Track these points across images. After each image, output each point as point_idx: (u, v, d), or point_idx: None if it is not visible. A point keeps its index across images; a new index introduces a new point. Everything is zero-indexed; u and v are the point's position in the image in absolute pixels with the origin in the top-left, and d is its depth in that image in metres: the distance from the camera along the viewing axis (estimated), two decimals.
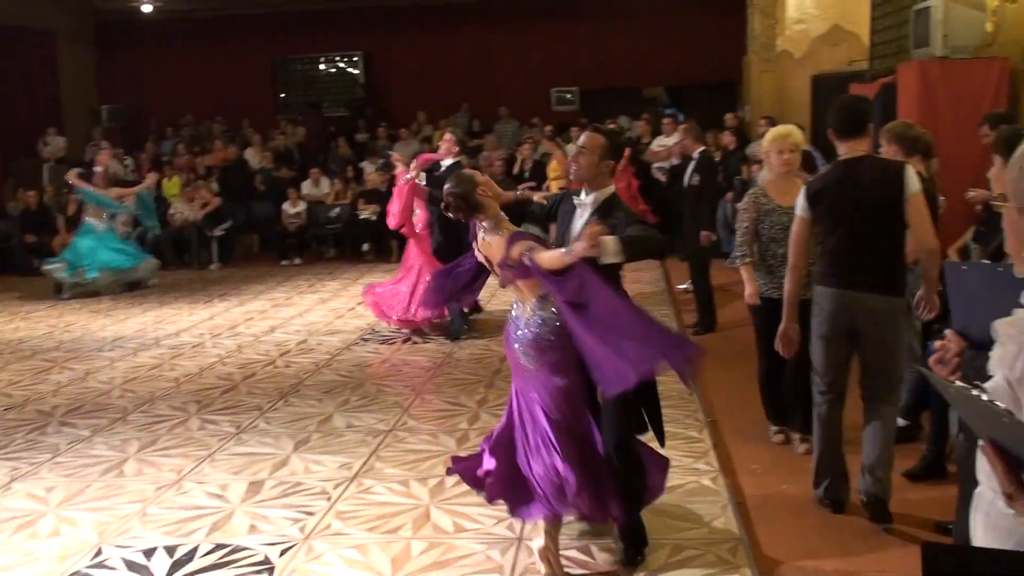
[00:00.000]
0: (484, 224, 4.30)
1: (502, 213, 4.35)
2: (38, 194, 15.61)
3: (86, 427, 6.64)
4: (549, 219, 4.59)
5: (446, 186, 4.37)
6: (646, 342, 3.87)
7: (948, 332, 2.32)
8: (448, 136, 9.11)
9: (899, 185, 4.42)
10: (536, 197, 4.91)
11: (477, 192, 4.27)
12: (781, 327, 4.87)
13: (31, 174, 17.73)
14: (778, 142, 5.66)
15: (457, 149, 9.03)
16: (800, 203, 4.73)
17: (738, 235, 5.78)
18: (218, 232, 14.71)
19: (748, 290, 5.75)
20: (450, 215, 4.42)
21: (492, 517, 4.78)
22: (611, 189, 4.33)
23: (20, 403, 7.37)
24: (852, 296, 4.54)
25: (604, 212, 4.20)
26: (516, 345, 4.26)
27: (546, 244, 4.27)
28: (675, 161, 12.22)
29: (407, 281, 9.11)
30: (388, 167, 11.57)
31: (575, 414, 4.22)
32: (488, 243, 4.29)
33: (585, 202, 4.31)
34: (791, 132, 5.78)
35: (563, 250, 4.00)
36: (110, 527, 4.91)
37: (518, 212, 4.63)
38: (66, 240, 14.86)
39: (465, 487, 5.06)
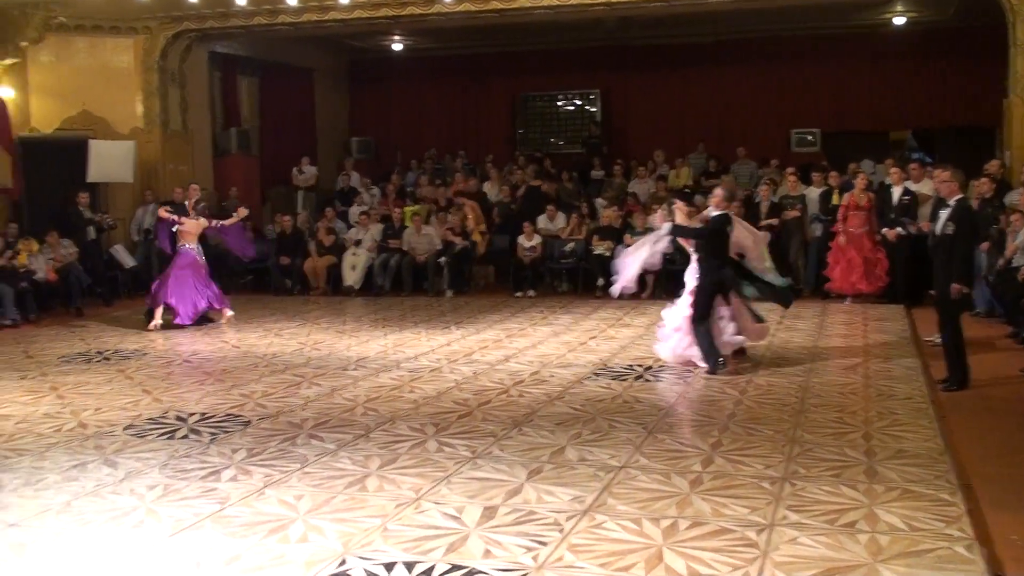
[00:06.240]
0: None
1: None
2: (292, 219, 16.64)
3: (332, 441, 6.97)
4: None
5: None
6: None
7: None
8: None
9: None
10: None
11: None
12: None
13: (287, 200, 18.96)
14: None
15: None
16: None
17: None
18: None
19: None
20: None
21: (728, 564, 4.67)
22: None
23: (273, 414, 7.83)
24: None
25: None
26: None
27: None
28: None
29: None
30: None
31: None
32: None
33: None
34: None
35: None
36: (354, 538, 5.11)
37: None
38: (317, 264, 15.78)
39: (700, 531, 5.05)
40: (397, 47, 20.68)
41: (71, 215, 14.92)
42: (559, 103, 21.88)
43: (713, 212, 9.46)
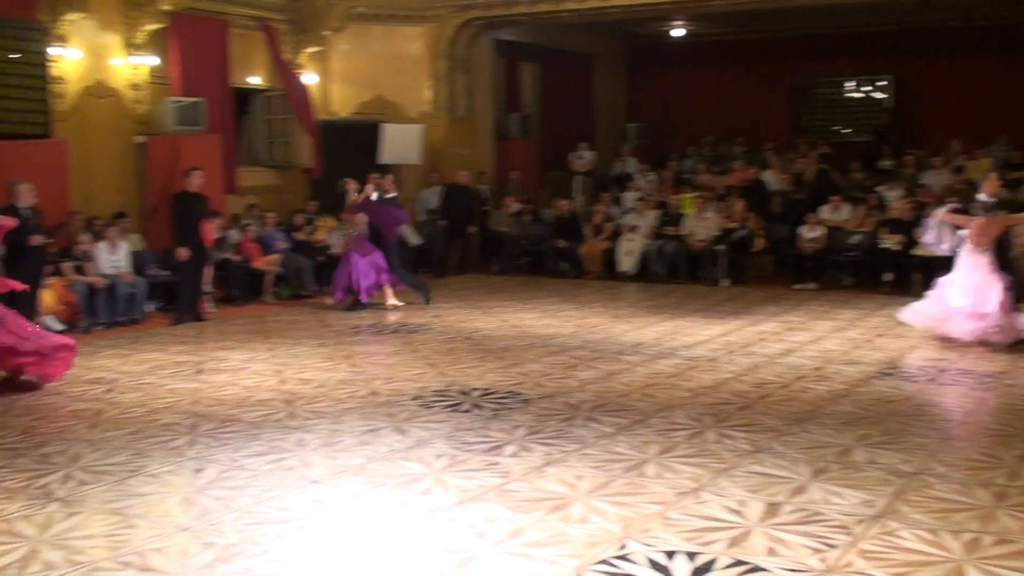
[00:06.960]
0: None
1: None
2: (570, 203, 16.86)
3: (610, 424, 6.98)
4: None
5: None
6: None
7: None
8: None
9: None
10: None
11: None
12: None
13: (564, 185, 19.23)
14: None
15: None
16: None
17: None
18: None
19: None
20: None
21: None
22: None
23: (551, 394, 7.95)
24: None
25: None
26: None
27: None
28: None
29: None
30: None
31: None
32: None
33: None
34: None
35: None
36: (634, 523, 5.09)
37: None
38: (593, 248, 15.91)
39: (1008, 549, 4.72)
40: (677, 33, 20.46)
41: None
42: (845, 89, 20.94)
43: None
